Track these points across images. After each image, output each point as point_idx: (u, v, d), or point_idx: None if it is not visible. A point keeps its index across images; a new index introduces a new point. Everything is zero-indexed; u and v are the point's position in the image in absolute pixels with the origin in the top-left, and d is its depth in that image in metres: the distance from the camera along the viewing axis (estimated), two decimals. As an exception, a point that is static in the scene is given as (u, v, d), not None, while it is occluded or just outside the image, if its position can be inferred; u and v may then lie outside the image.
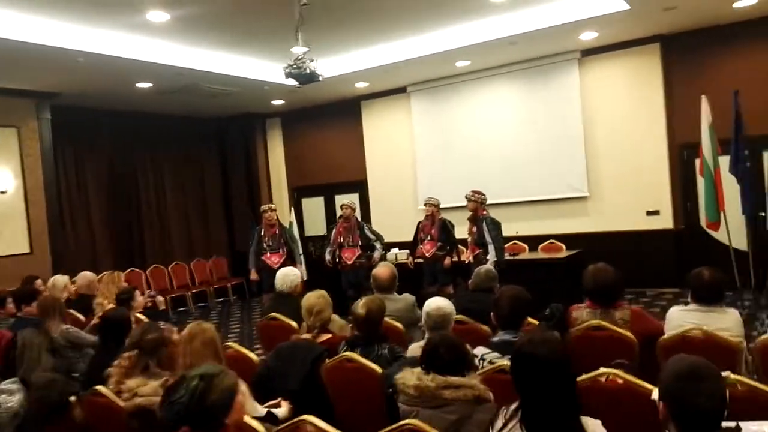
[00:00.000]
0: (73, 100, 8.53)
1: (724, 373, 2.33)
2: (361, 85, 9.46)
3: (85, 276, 5.86)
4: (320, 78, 5.62)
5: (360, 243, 7.34)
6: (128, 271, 9.24)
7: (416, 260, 7.20)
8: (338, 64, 8.37)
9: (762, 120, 6.39)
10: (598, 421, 2.02)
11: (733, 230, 6.75)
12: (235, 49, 7.64)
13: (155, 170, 10.49)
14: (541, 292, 4.36)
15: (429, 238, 7.04)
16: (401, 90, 9.85)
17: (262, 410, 2.92)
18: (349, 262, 7.29)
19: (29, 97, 7.98)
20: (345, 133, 10.66)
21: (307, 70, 5.41)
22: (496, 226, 6.46)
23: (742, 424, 2.08)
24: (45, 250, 8.09)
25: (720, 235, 6.96)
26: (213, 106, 10.01)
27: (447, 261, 6.90)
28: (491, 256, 6.31)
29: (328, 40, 7.32)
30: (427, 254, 7.01)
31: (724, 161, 6.71)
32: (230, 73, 8.07)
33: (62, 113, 8.52)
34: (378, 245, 7.33)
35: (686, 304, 3.34)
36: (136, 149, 10.19)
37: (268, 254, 7.30)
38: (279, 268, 7.09)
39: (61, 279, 5.76)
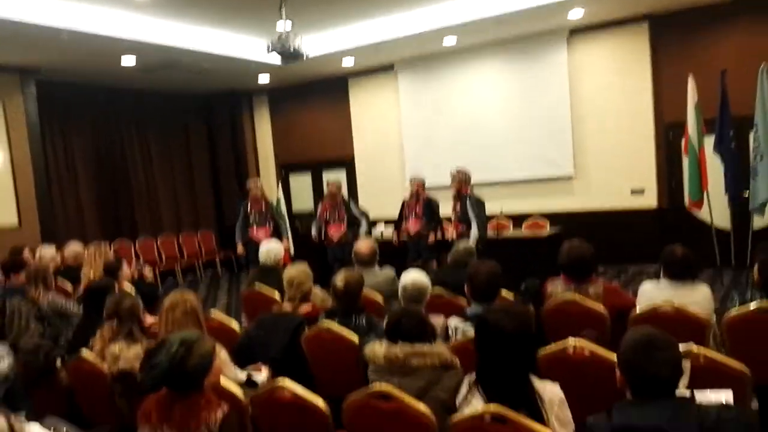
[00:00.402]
0: (59, 75, 8.46)
1: (687, 345, 2.42)
2: (348, 63, 9.40)
3: (72, 248, 5.91)
4: (305, 55, 5.58)
5: (346, 219, 7.38)
6: (117, 243, 9.27)
7: (401, 238, 7.25)
8: (324, 40, 8.31)
9: (748, 100, 6.41)
10: (557, 384, 2.10)
11: (715, 209, 6.84)
12: (219, 25, 7.58)
13: (142, 146, 10.44)
14: (523, 268, 4.44)
15: (414, 215, 7.08)
16: (388, 68, 9.81)
17: (242, 375, 3.00)
18: (335, 239, 7.33)
19: (13, 72, 7.90)
20: (332, 111, 10.62)
21: (292, 48, 5.38)
22: (479, 204, 6.52)
23: (699, 392, 2.16)
24: (34, 222, 8.09)
25: (703, 214, 7.06)
26: (199, 83, 9.94)
27: (431, 238, 6.96)
28: (474, 233, 6.37)
29: (314, 16, 7.26)
30: (411, 232, 7.06)
31: (710, 141, 6.76)
32: (215, 51, 8.01)
33: (48, 88, 8.46)
34: (363, 222, 7.38)
35: (658, 279, 3.42)
36: (123, 125, 10.14)
37: (255, 229, 7.36)
38: (267, 243, 7.26)
39: (48, 250, 5.82)
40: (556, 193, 8.69)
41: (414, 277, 3.27)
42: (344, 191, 8.12)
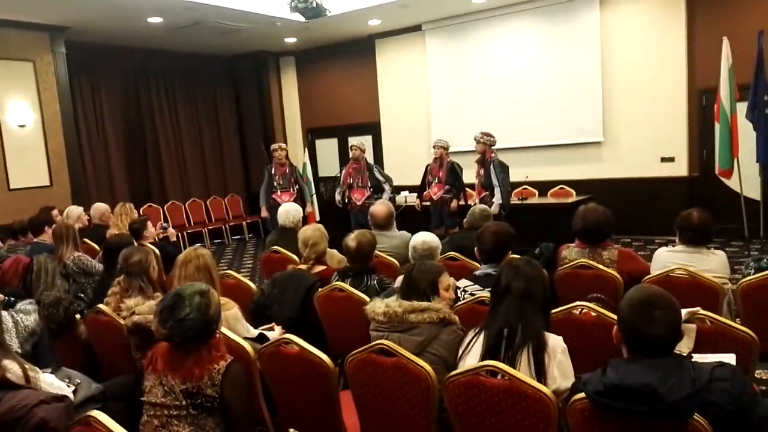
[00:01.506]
0: (87, 35, 8.54)
1: (693, 309, 2.39)
2: (374, 23, 9.27)
3: (98, 207, 6.07)
4: (327, 13, 5.55)
5: (369, 184, 7.39)
6: (146, 206, 9.49)
7: (424, 203, 7.23)
8: (349, -1, 8.18)
9: (786, 65, 6.15)
10: (560, 337, 2.11)
11: (746, 178, 6.64)
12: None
13: (170, 107, 10.55)
14: (547, 236, 4.39)
15: (437, 180, 7.04)
16: (416, 28, 9.65)
17: (254, 332, 3.07)
18: (359, 203, 7.35)
19: (43, 31, 7.99)
20: (359, 74, 10.54)
21: (314, 4, 5.34)
22: (503, 169, 6.45)
23: (701, 355, 2.15)
24: (64, 183, 8.29)
25: (732, 183, 6.86)
26: (226, 44, 9.94)
27: (453, 204, 6.92)
28: (497, 198, 6.33)
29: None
30: (434, 197, 7.04)
31: (743, 107, 6.52)
32: (241, 8, 7.95)
33: (77, 48, 8.56)
34: (387, 187, 7.36)
35: (674, 245, 3.36)
36: (151, 86, 10.24)
37: (279, 193, 7.44)
38: (289, 206, 7.35)
39: (74, 209, 5.96)
40: (585, 159, 8.51)
41: (424, 237, 3.28)
42: (369, 156, 8.08)
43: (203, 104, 11.03)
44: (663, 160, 7.99)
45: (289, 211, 4.90)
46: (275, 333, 3.17)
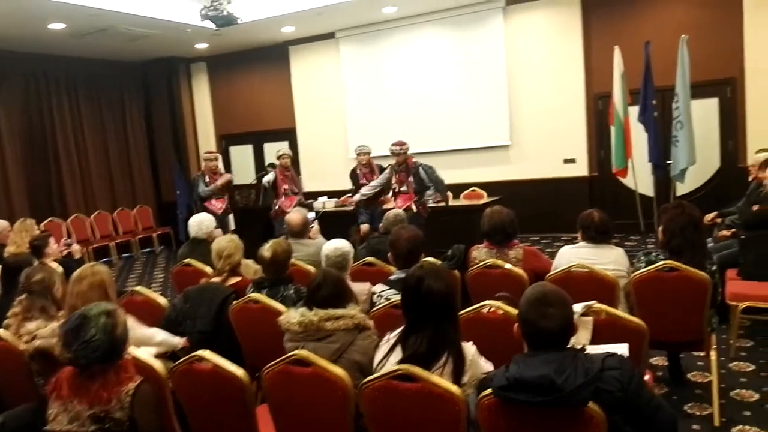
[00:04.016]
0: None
1: (588, 303, 2.57)
2: (288, 30, 9.23)
3: (-5, 224, 5.65)
4: (238, 21, 5.48)
5: (296, 191, 7.38)
6: (48, 221, 8.90)
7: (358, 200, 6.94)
8: (261, 6, 8.09)
9: (672, 71, 6.67)
10: (470, 343, 2.20)
11: (640, 177, 7.16)
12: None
13: (74, 115, 9.92)
14: (460, 237, 4.55)
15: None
16: (330, 36, 9.69)
17: (149, 331, 3.00)
18: (288, 210, 7.22)
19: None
20: (273, 80, 10.43)
21: (224, 12, 5.26)
22: (432, 169, 6.34)
23: (596, 347, 2.31)
24: (-46, 199, 7.67)
25: (628, 181, 7.38)
26: (134, 49, 9.55)
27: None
28: (431, 192, 6.21)
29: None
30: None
31: (635, 111, 7.04)
32: (149, 15, 7.70)
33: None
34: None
35: (577, 242, 3.58)
36: (53, 93, 9.60)
37: (212, 201, 7.33)
38: (223, 214, 7.18)
39: (-35, 228, 5.53)
40: (494, 162, 8.86)
41: (336, 244, 3.31)
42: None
43: (110, 111, 10.48)
44: (565, 161, 8.46)
45: (201, 221, 4.78)
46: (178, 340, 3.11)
